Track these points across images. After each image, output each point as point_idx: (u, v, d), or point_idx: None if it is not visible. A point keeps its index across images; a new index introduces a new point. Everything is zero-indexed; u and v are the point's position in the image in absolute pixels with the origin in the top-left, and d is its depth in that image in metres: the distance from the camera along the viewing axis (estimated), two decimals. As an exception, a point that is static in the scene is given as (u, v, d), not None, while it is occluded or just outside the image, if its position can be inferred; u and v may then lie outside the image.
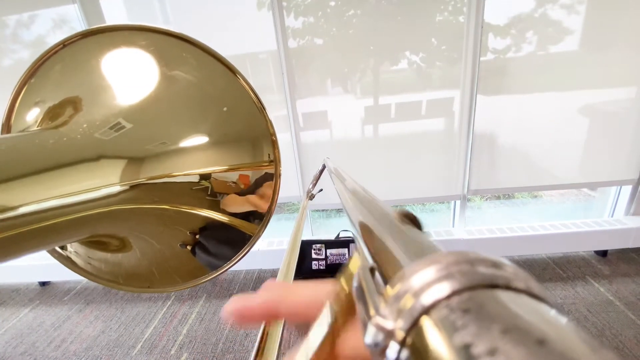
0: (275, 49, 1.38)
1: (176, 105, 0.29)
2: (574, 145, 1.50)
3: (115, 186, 0.25)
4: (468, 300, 0.07)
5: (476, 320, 0.06)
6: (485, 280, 0.07)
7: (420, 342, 0.07)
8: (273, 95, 1.48)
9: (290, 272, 0.28)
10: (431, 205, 2.15)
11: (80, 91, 0.27)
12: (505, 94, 1.44)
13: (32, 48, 1.49)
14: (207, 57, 0.28)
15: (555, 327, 0.06)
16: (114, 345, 1.37)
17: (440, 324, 0.07)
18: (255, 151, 0.31)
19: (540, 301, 0.07)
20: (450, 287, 0.07)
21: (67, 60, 0.27)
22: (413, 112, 1.50)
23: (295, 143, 1.54)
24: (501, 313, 0.06)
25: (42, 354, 1.36)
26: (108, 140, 0.26)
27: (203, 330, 1.40)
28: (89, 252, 0.30)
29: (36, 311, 1.63)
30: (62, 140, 0.24)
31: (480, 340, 0.06)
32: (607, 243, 1.59)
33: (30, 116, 0.28)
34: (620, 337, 1.18)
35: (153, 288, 0.32)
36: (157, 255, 0.31)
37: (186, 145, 0.28)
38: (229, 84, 0.30)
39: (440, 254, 0.08)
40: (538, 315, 0.06)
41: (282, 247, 1.64)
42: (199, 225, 0.31)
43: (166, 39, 0.28)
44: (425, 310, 0.07)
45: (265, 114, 0.30)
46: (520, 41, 1.35)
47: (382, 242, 0.12)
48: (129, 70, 0.28)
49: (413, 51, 1.39)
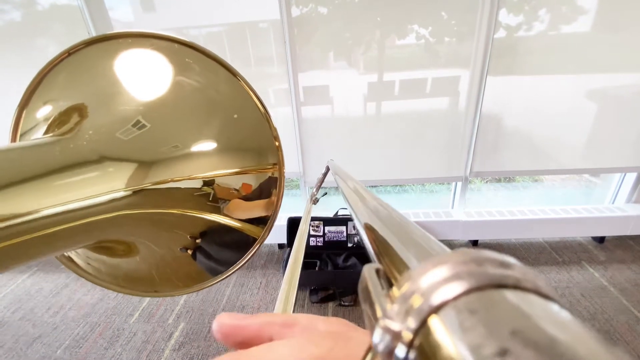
0: (276, 18, 1.32)
1: (182, 110, 0.29)
2: (580, 129, 1.46)
3: (120, 191, 0.25)
4: (476, 301, 0.07)
5: (485, 321, 0.06)
6: (494, 281, 0.07)
7: (428, 344, 0.07)
8: (273, 67, 1.43)
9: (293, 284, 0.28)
10: (431, 186, 2.14)
11: (87, 97, 0.28)
12: (514, 74, 1.39)
13: (23, 9, 1.43)
14: (210, 63, 0.29)
15: (566, 327, 0.06)
16: (112, 312, 1.39)
17: (448, 325, 0.07)
18: (258, 155, 0.31)
19: (549, 301, 0.07)
20: (458, 288, 0.07)
21: (72, 67, 0.28)
22: (418, 90, 1.45)
23: (296, 118, 1.50)
24: (510, 313, 0.06)
25: (40, 320, 1.38)
26: (118, 144, 0.26)
27: (200, 301, 1.42)
28: (88, 253, 0.30)
29: (34, 278, 1.65)
30: (69, 147, 0.25)
31: (490, 341, 0.06)
32: (606, 229, 1.59)
33: (37, 124, 0.28)
34: (612, 321, 1.20)
35: (158, 293, 0.32)
36: (158, 259, 0.31)
37: (195, 149, 0.29)
38: (232, 88, 0.30)
39: (448, 254, 0.08)
40: (547, 315, 0.06)
41: (278, 222, 1.64)
42: (201, 230, 0.31)
43: (170, 45, 0.28)
44: (433, 311, 0.07)
45: (269, 119, 0.30)
46: (532, 19, 1.29)
47: (388, 243, 0.12)
48: (135, 77, 0.29)
49: (422, 24, 1.33)
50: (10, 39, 1.42)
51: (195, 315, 1.35)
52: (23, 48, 1.42)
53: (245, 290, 1.47)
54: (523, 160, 1.54)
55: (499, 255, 0.08)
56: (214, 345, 1.21)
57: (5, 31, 1.43)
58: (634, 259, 1.50)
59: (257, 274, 1.57)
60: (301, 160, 1.61)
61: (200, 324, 1.30)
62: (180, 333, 1.27)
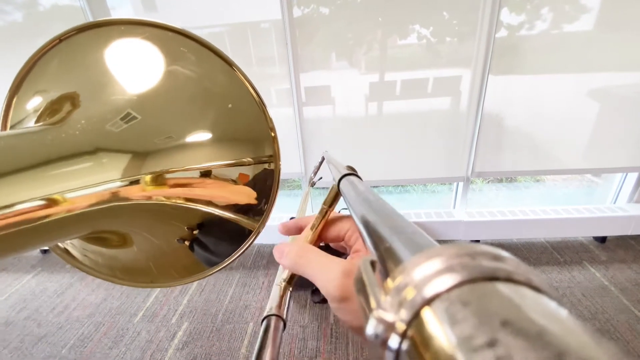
0: (277, 18, 1.32)
1: (176, 100, 0.29)
2: (582, 129, 1.46)
3: (116, 182, 0.25)
4: (469, 293, 0.07)
5: (477, 313, 0.06)
6: (486, 273, 0.07)
7: (420, 334, 0.07)
8: (274, 68, 1.43)
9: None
10: (432, 187, 2.14)
11: (79, 86, 0.27)
12: (515, 74, 1.39)
13: (25, 9, 1.43)
14: (205, 52, 0.28)
15: (556, 318, 0.06)
16: (116, 312, 1.40)
17: (441, 316, 0.07)
18: (254, 147, 0.31)
19: (540, 293, 0.07)
20: (451, 280, 0.07)
21: (64, 55, 0.27)
22: (419, 90, 1.45)
23: (298, 118, 1.50)
24: (501, 305, 0.06)
25: (45, 319, 1.39)
26: (111, 134, 0.26)
27: (203, 301, 1.43)
28: (84, 244, 0.30)
29: (38, 278, 1.66)
30: (61, 136, 0.24)
31: (481, 332, 0.06)
32: (607, 229, 1.59)
33: (28, 113, 0.27)
34: (612, 321, 1.21)
35: (155, 283, 0.32)
36: (155, 250, 0.31)
37: (190, 140, 0.29)
38: (228, 79, 0.29)
39: (442, 247, 0.08)
40: (538, 307, 0.06)
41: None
42: (196, 221, 0.31)
43: (164, 33, 0.28)
44: (426, 303, 0.07)
45: (265, 109, 0.30)
46: (534, 18, 1.28)
47: (382, 236, 0.12)
48: (128, 65, 0.28)
49: (423, 24, 1.32)
50: (11, 40, 1.43)
51: (199, 315, 1.36)
52: (25, 49, 1.42)
53: (248, 290, 1.48)
54: (525, 160, 1.54)
55: (492, 249, 0.08)
56: (217, 345, 1.22)
57: (6, 32, 1.44)
58: (635, 258, 1.50)
59: (260, 274, 1.58)
60: (303, 160, 1.61)
61: (203, 324, 1.31)
62: (183, 333, 1.28)
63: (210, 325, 1.31)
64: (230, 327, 1.29)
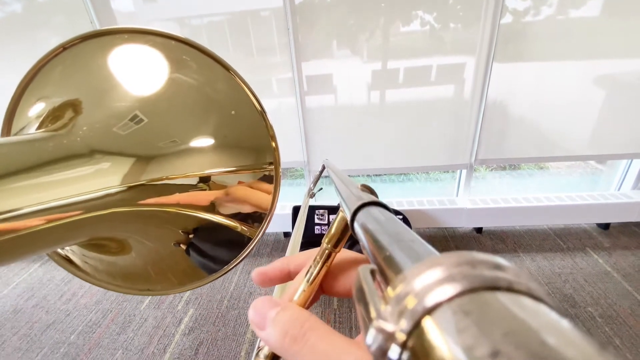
0: (278, 5, 1.30)
1: (179, 106, 0.29)
2: (588, 115, 1.45)
3: (115, 187, 0.25)
4: (470, 303, 0.07)
5: (478, 323, 0.06)
6: (487, 283, 0.07)
7: (421, 344, 0.07)
8: (276, 56, 1.42)
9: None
10: (435, 175, 2.14)
11: (82, 93, 0.28)
12: (520, 60, 1.37)
13: (24, 0, 1.42)
14: (207, 60, 0.29)
15: (557, 329, 0.06)
16: (123, 299, 1.43)
17: (441, 326, 0.07)
18: (255, 154, 0.31)
19: (541, 303, 0.07)
20: (452, 290, 0.07)
21: (67, 62, 0.28)
22: (422, 78, 1.44)
23: (300, 107, 1.50)
24: (503, 315, 0.06)
25: (53, 307, 1.42)
26: (114, 139, 0.26)
27: (209, 288, 1.45)
28: (84, 251, 0.30)
29: (46, 267, 1.68)
30: (62, 142, 0.24)
31: (482, 342, 0.06)
32: (611, 216, 1.59)
33: (31, 119, 0.28)
34: (614, 306, 1.21)
35: (153, 291, 0.32)
36: (153, 255, 0.31)
37: (193, 145, 0.29)
38: (229, 86, 0.30)
39: (442, 256, 0.08)
40: (539, 317, 0.06)
41: (284, 211, 1.65)
42: (195, 227, 0.31)
43: (167, 42, 0.28)
44: (427, 312, 0.07)
45: (266, 117, 0.30)
46: (540, 3, 1.26)
47: (382, 244, 0.12)
48: (131, 72, 0.29)
49: (426, 10, 1.31)
50: (11, 32, 1.42)
51: (204, 301, 1.38)
52: (25, 40, 1.42)
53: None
54: (529, 147, 1.53)
55: (492, 258, 0.08)
56: (222, 330, 1.24)
57: (6, 23, 1.43)
58: (638, 245, 1.50)
59: (264, 262, 1.60)
60: (305, 149, 1.61)
61: (209, 310, 1.34)
62: (189, 318, 1.30)
63: (215, 311, 1.33)
64: (236, 312, 1.31)
